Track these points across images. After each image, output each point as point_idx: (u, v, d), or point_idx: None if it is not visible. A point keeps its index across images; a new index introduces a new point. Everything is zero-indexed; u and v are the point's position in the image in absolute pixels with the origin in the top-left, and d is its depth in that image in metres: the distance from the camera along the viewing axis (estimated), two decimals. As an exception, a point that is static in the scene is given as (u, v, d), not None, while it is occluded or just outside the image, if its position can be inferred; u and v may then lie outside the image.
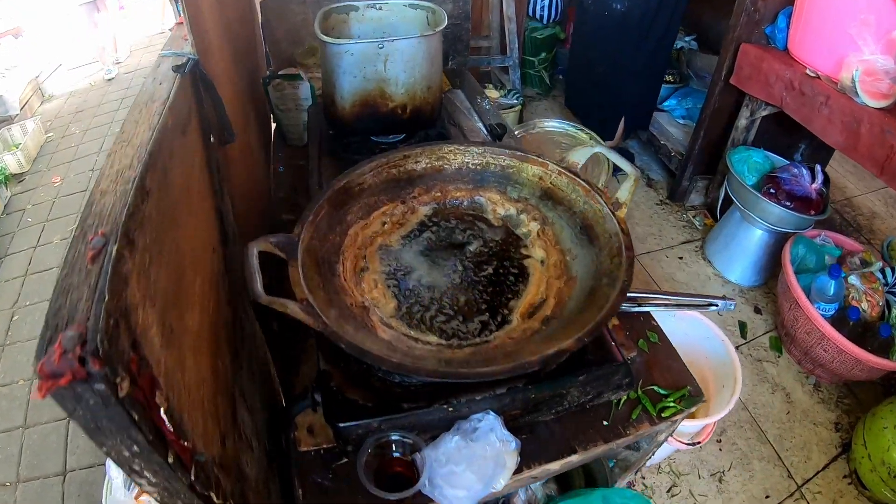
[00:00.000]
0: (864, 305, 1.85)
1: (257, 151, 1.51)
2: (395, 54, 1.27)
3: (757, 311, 2.22)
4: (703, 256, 2.39)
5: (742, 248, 2.23)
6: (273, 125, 1.86)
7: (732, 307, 1.11)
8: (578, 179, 1.08)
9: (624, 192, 1.05)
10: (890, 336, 1.78)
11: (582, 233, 1.05)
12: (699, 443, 1.56)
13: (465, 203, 1.15)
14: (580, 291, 0.96)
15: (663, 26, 2.25)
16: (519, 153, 1.13)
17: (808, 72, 1.90)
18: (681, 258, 2.36)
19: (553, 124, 2.06)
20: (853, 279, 1.86)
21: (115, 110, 3.47)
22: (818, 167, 2.05)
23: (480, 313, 0.96)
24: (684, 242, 2.44)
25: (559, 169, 1.10)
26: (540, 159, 1.12)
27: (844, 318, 1.86)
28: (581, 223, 1.06)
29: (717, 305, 1.11)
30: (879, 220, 2.73)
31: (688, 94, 2.70)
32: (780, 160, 2.22)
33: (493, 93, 2.59)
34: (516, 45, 2.67)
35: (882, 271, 1.96)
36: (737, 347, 2.09)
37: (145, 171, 0.56)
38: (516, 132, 2.04)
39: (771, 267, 2.27)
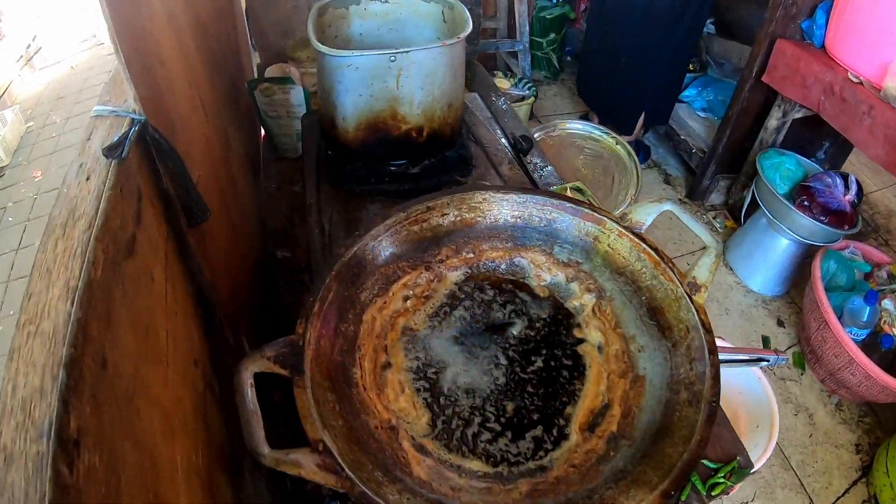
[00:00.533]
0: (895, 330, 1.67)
1: (242, 180, 1.25)
2: (410, 68, 1.01)
3: (780, 323, 2.04)
4: (724, 263, 2.18)
5: (766, 256, 2.03)
6: (262, 132, 1.58)
7: (784, 361, 0.92)
8: (644, 245, 0.86)
9: (704, 272, 0.83)
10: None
11: (649, 317, 0.83)
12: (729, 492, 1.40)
13: (504, 266, 0.92)
14: (652, 401, 0.75)
15: (692, 17, 1.97)
16: (569, 205, 0.90)
17: (850, 76, 1.66)
18: (699, 265, 2.15)
19: (575, 126, 1.80)
20: (887, 303, 1.68)
21: (97, 95, 3.10)
22: (852, 178, 1.83)
23: (532, 426, 0.74)
24: (706, 247, 2.22)
25: (619, 229, 0.87)
26: (595, 214, 0.89)
27: (875, 344, 1.68)
28: (647, 303, 0.84)
29: (767, 361, 0.93)
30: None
31: (708, 84, 2.44)
32: (812, 166, 1.99)
33: (502, 82, 2.31)
34: (527, 29, 2.37)
35: (914, 289, 1.78)
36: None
37: (65, 400, 0.33)
38: (536, 135, 1.78)
39: (794, 276, 2.08)
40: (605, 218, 0.88)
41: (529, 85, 2.35)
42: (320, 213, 1.09)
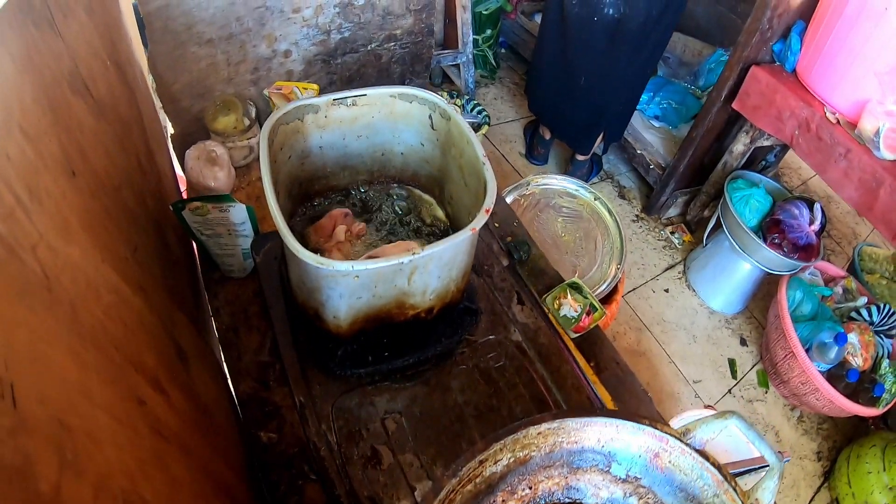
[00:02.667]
0: (859, 360, 1.83)
1: (213, 387, 1.07)
2: (427, 265, 0.87)
3: (743, 342, 2.18)
4: (686, 284, 2.27)
5: (729, 279, 2.13)
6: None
7: (788, 461, 0.97)
8: (707, 463, 0.83)
9: (768, 496, 0.81)
10: (882, 395, 1.79)
11: (720, 539, 0.81)
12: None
13: (559, 494, 0.86)
14: None
15: (661, 33, 1.88)
16: (630, 425, 0.84)
17: (827, 115, 1.68)
18: (667, 290, 2.22)
19: (550, 181, 1.70)
20: (852, 336, 1.82)
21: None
22: (818, 207, 1.92)
23: None
24: (667, 269, 2.29)
25: (682, 446, 0.83)
26: (658, 432, 0.83)
27: (840, 375, 1.84)
28: (716, 524, 0.82)
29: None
30: (835, 205, 2.75)
31: (659, 88, 2.40)
32: (776, 188, 2.06)
33: None
34: (470, 38, 2.16)
35: (868, 309, 1.95)
36: (728, 390, 2.06)
37: None
38: (508, 197, 1.67)
39: (753, 293, 2.20)
40: (667, 436, 0.84)
41: (480, 108, 2.19)
42: (319, 420, 0.96)
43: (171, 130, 1.54)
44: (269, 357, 1.11)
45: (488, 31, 2.53)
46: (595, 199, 1.70)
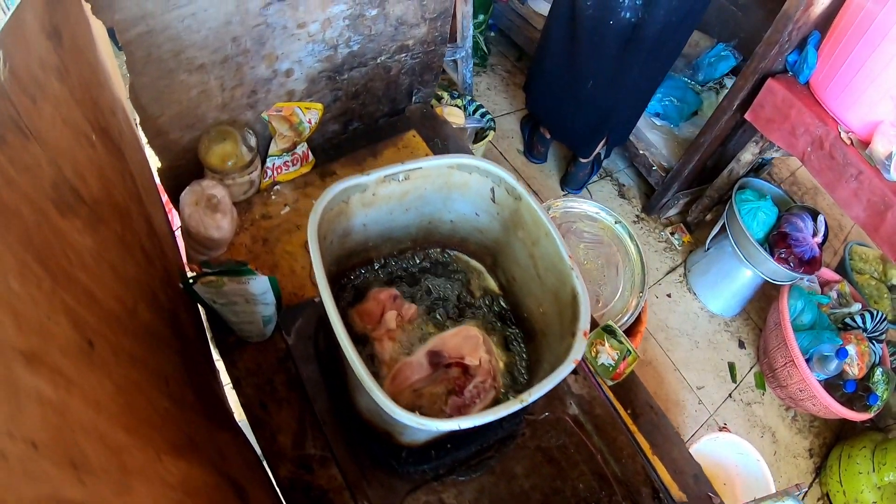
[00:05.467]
0: (855, 370, 1.96)
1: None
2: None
3: (741, 345, 2.28)
4: (687, 288, 2.33)
5: (731, 285, 2.21)
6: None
7: (804, 491, 1.07)
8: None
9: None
10: (876, 404, 1.93)
11: None
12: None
13: None
14: None
15: (679, 40, 1.84)
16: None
17: (842, 135, 1.72)
18: (669, 295, 2.28)
19: (570, 204, 1.69)
20: (849, 348, 1.93)
21: None
22: (822, 219, 1.99)
23: None
24: (669, 272, 2.34)
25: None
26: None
27: (838, 385, 1.97)
28: None
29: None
30: (822, 197, 2.86)
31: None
32: (780, 195, 2.11)
33: (455, 114, 2.01)
34: (470, 32, 2.06)
35: (862, 316, 2.07)
36: (729, 395, 2.17)
37: None
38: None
39: (751, 296, 2.29)
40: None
41: (483, 111, 2.10)
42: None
43: (157, 165, 1.41)
44: (314, 450, 1.07)
45: (480, 17, 2.42)
46: (616, 223, 1.70)
